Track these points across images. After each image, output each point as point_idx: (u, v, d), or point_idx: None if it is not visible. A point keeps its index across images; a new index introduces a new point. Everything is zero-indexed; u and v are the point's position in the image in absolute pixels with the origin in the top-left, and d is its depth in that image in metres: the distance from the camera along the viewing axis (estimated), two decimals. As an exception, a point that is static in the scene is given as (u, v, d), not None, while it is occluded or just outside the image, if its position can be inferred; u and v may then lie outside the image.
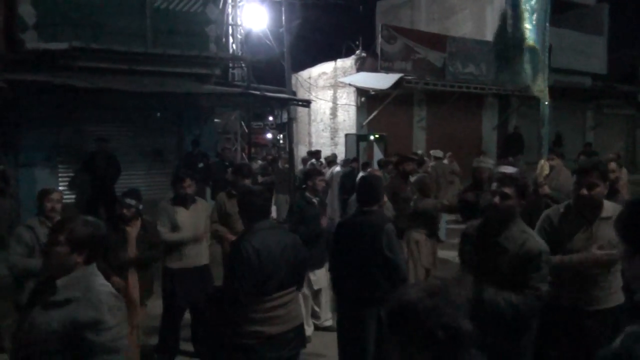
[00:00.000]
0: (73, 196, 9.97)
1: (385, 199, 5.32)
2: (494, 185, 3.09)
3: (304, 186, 6.00)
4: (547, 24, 5.31)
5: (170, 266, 4.95)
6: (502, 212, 3.03)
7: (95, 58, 9.63)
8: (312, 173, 5.89)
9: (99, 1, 9.98)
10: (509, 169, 5.16)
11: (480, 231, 3.17)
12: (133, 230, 4.56)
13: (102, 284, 2.37)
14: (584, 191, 3.24)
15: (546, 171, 5.77)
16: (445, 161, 12.22)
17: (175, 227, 4.94)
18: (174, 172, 10.84)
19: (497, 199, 3.01)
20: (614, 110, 20.23)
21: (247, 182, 5.56)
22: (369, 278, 3.68)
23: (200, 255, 5.09)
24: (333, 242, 4.08)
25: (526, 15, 5.00)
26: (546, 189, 5.78)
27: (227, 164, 9.93)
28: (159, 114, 10.33)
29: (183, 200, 5.01)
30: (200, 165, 10.53)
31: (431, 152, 12.41)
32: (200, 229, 5.08)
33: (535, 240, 3.03)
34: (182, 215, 4.97)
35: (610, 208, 3.25)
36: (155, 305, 5.21)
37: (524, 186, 3.11)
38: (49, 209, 4.25)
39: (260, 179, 11.73)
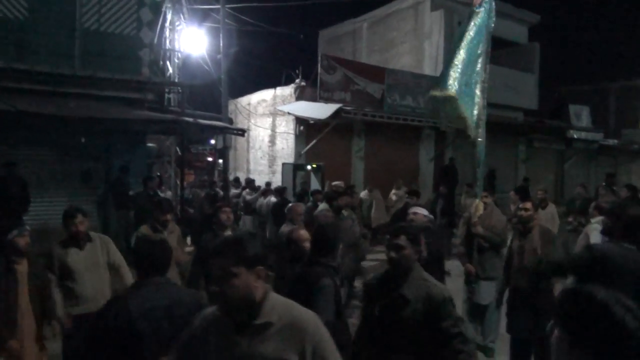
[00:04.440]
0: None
1: None
2: (387, 238, 3.13)
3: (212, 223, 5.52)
4: (487, 66, 5.42)
5: (69, 312, 4.38)
6: (399, 264, 3.00)
7: (18, 78, 9.12)
8: (218, 207, 5.51)
9: (24, 19, 9.51)
10: (419, 210, 5.21)
11: (381, 285, 3.10)
12: (23, 268, 3.98)
13: None
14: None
15: (480, 211, 5.75)
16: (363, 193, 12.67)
17: (67, 273, 4.40)
18: (99, 199, 10.42)
19: (392, 253, 3.00)
20: (544, 145, 21.01)
21: (169, 217, 5.30)
22: None
23: (101, 297, 4.29)
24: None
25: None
26: (479, 229, 5.76)
27: (151, 194, 9.45)
28: (83, 139, 9.77)
29: (75, 240, 4.48)
30: (131, 192, 10.05)
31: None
32: (101, 268, 4.56)
33: (438, 287, 2.97)
34: (75, 257, 4.43)
35: (274, 312, 1.98)
36: (56, 347, 4.62)
37: (416, 234, 3.11)
38: None
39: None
